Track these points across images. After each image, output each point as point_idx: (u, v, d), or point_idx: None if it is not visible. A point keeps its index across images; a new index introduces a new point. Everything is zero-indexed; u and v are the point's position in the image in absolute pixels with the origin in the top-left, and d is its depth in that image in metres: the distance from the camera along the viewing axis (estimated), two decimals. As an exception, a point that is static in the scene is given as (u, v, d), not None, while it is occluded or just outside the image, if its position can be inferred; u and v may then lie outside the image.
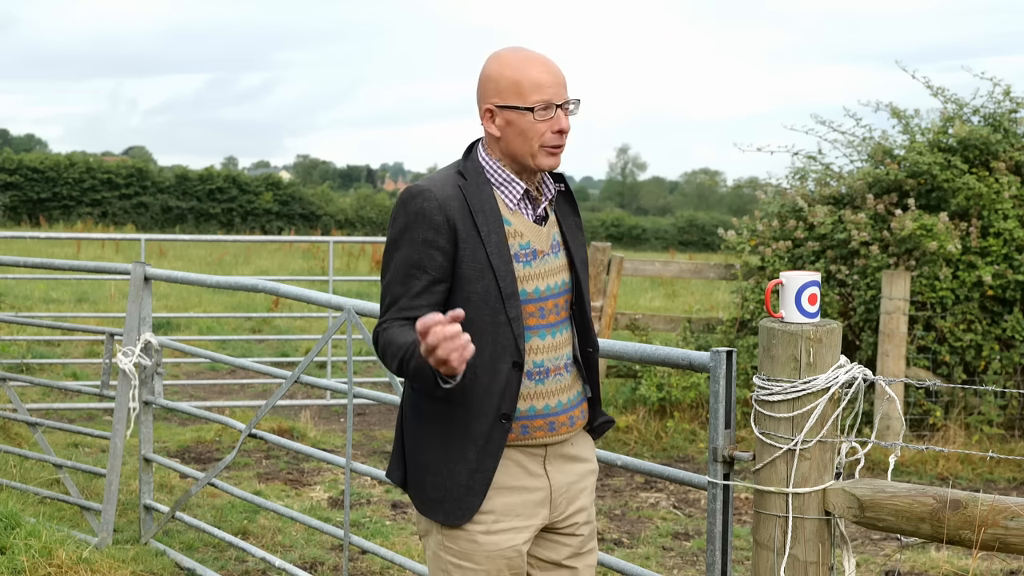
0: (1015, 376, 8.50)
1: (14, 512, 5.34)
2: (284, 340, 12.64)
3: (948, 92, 9.43)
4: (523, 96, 2.72)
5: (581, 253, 2.89)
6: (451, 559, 2.80)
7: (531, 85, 2.72)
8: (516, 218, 2.79)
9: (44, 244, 21.43)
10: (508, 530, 2.79)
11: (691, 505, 6.93)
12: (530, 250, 2.78)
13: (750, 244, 9.47)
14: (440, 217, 2.69)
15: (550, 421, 2.81)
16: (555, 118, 2.75)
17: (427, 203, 2.70)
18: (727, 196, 57.90)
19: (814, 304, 2.73)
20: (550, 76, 2.74)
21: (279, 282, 5.99)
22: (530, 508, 2.81)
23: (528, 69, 2.74)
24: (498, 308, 2.71)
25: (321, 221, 43.81)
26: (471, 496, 2.75)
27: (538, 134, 2.74)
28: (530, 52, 2.79)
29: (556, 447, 2.86)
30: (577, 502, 2.90)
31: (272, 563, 5.02)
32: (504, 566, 2.79)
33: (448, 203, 2.71)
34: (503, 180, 2.80)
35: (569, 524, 2.90)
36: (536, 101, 2.72)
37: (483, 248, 2.71)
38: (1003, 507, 2.45)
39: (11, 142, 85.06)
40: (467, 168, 2.80)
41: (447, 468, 2.77)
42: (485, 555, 2.77)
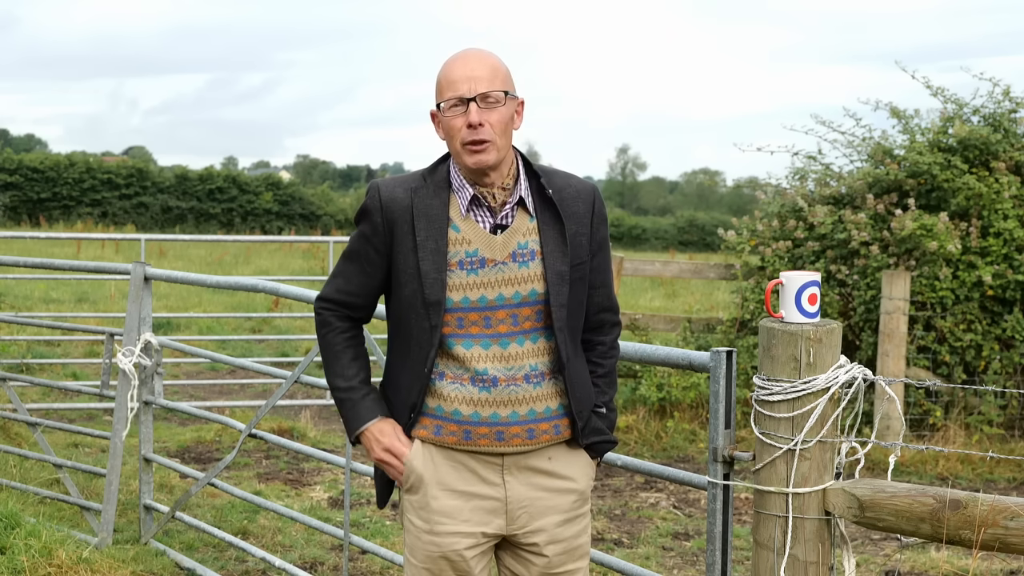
0: (1015, 376, 8.50)
1: (14, 512, 5.34)
2: (284, 340, 12.64)
3: (948, 92, 9.44)
4: (440, 94, 2.74)
5: (559, 265, 2.76)
6: (407, 550, 2.87)
7: (446, 83, 2.73)
8: (467, 225, 2.75)
9: (44, 244, 21.42)
10: (452, 533, 2.77)
11: (691, 505, 6.93)
12: (477, 258, 2.72)
13: (750, 244, 9.47)
14: (379, 218, 2.77)
15: (497, 431, 2.74)
16: (467, 112, 2.70)
17: (371, 202, 2.79)
18: (727, 196, 57.89)
19: (814, 304, 2.73)
20: (464, 71, 2.71)
21: (279, 282, 5.99)
22: (480, 515, 2.78)
23: (447, 68, 2.74)
24: (422, 314, 2.74)
25: (321, 221, 43.79)
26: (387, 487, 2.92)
27: (456, 131, 2.72)
28: (463, 51, 2.77)
29: (519, 458, 2.79)
30: (543, 520, 2.81)
31: (272, 563, 5.02)
32: (447, 567, 2.79)
33: (391, 205, 2.75)
34: (458, 186, 2.77)
35: (529, 543, 2.83)
36: (447, 97, 2.72)
37: (415, 254, 2.72)
38: (1003, 507, 2.45)
39: (11, 142, 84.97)
40: (435, 171, 2.81)
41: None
42: (425, 554, 2.79)
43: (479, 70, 2.71)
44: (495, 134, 2.71)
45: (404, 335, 2.80)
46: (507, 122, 2.74)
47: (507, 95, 2.74)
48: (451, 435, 2.77)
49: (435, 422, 2.78)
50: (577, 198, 2.82)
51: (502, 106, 2.72)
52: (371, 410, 2.82)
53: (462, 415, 2.75)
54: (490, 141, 2.70)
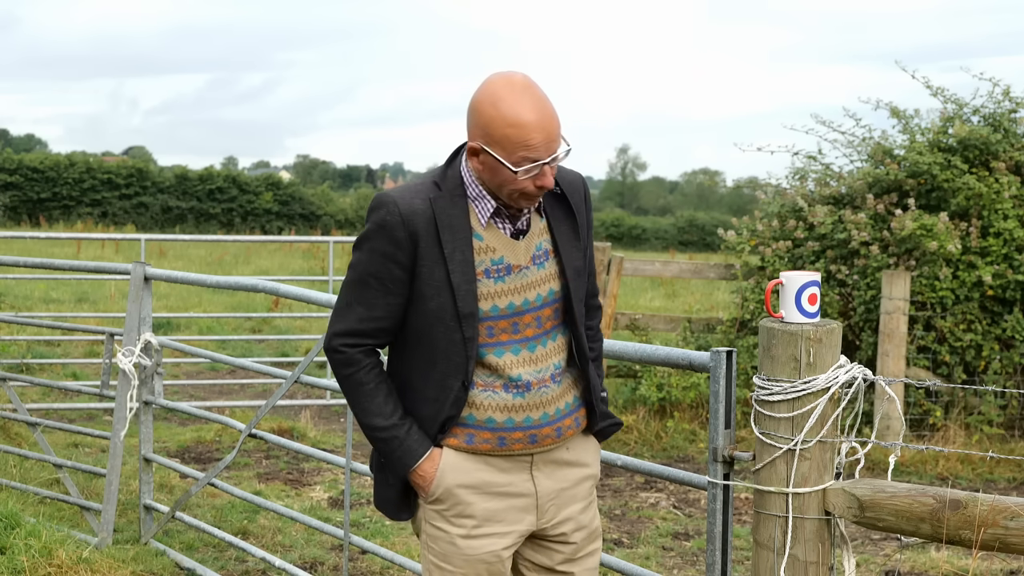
0: (1015, 376, 8.50)
1: (14, 512, 5.34)
2: (284, 340, 12.64)
3: (948, 92, 9.44)
4: (509, 153, 2.59)
5: (575, 260, 2.78)
6: (432, 559, 2.80)
7: (520, 143, 2.57)
8: (489, 233, 2.71)
9: (44, 244, 21.43)
10: (489, 535, 2.77)
11: (691, 505, 6.93)
12: (503, 265, 2.71)
13: (750, 244, 9.47)
14: (402, 233, 2.64)
15: (531, 434, 2.76)
16: (539, 174, 2.61)
17: (390, 217, 2.64)
18: (727, 196, 57.88)
19: (814, 304, 2.73)
20: (541, 135, 2.58)
21: (279, 282, 5.99)
22: (514, 514, 2.79)
23: (520, 125, 2.57)
24: (453, 327, 2.67)
25: (321, 221, 43.80)
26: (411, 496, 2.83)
27: (520, 186, 2.63)
28: (527, 101, 2.59)
29: (546, 454, 2.82)
30: (568, 508, 2.85)
31: (272, 563, 5.02)
32: (484, 571, 2.77)
33: (412, 218, 2.64)
34: (477, 195, 2.70)
35: (558, 533, 2.85)
36: (521, 160, 2.58)
37: (444, 266, 2.65)
38: (1003, 507, 2.45)
39: (11, 142, 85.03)
40: (446, 178, 2.70)
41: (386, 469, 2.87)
42: (463, 559, 2.76)
43: (552, 126, 2.60)
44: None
45: (428, 347, 2.71)
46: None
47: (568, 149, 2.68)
48: (485, 443, 2.75)
49: (467, 431, 2.75)
50: (573, 189, 2.83)
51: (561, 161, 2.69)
52: (421, 443, 2.75)
53: (496, 422, 2.74)
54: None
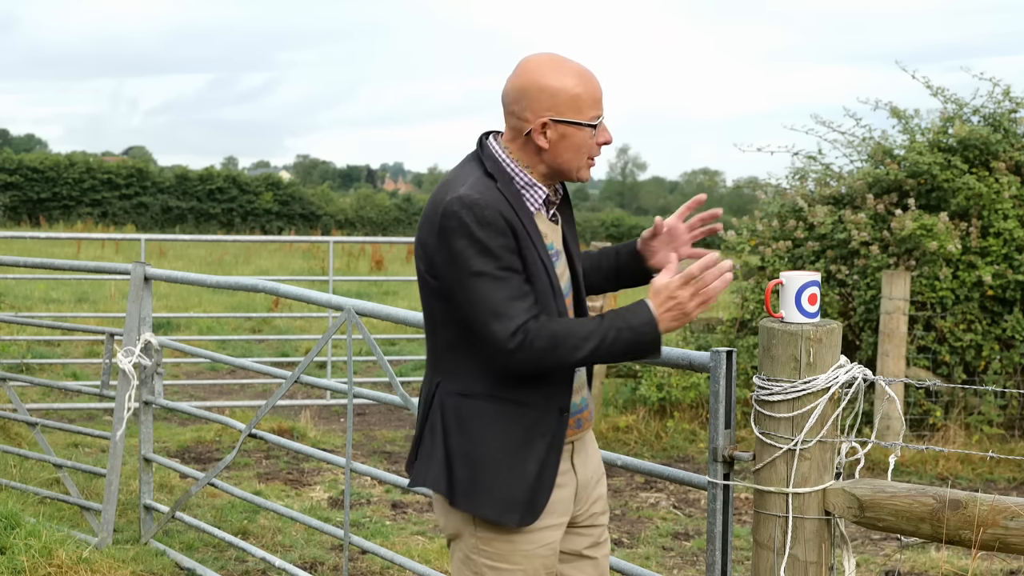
0: (1015, 376, 8.50)
1: (14, 512, 5.34)
2: (284, 340, 12.64)
3: (948, 92, 9.44)
4: (582, 112, 2.70)
5: (577, 248, 2.92)
6: (485, 561, 2.76)
7: (590, 101, 2.71)
8: (540, 220, 2.78)
9: (44, 244, 21.43)
10: (544, 528, 2.79)
11: (691, 505, 6.93)
12: (555, 251, 2.80)
13: (750, 244, 9.47)
14: (503, 222, 2.64)
15: (577, 418, 2.86)
16: (600, 131, 2.75)
17: (487, 211, 2.63)
18: (727, 196, 57.89)
19: (814, 304, 2.73)
20: (600, 91, 2.75)
21: (279, 282, 5.99)
22: (563, 504, 2.84)
23: (586, 84, 2.71)
24: (552, 305, 2.73)
25: (321, 221, 43.82)
26: (539, 493, 2.73)
27: (588, 148, 2.74)
28: (576, 64, 2.75)
29: (579, 443, 2.90)
30: (596, 491, 2.97)
31: (272, 563, 5.02)
32: (540, 565, 2.79)
33: (499, 206, 2.66)
34: (526, 183, 2.75)
35: (590, 515, 2.95)
36: (594, 117, 2.72)
37: (535, 248, 2.70)
38: (1003, 507, 2.45)
39: (11, 142, 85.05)
40: (493, 170, 2.73)
41: (519, 466, 2.71)
42: (522, 555, 2.76)
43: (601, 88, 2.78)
44: None
45: None
46: None
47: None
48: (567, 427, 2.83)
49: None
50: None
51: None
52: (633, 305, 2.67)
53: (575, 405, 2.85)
54: None
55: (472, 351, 2.70)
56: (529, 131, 2.71)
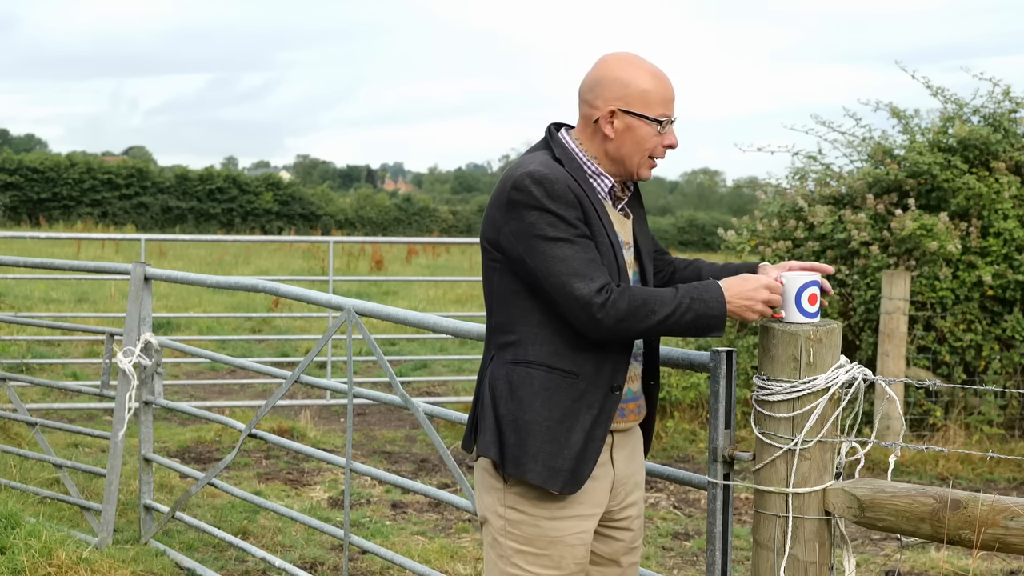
0: (1015, 376, 8.50)
1: (14, 512, 5.34)
2: (284, 340, 12.64)
3: (948, 92, 9.44)
4: (650, 107, 2.79)
5: (649, 247, 2.96)
6: (512, 544, 2.80)
7: (660, 99, 2.79)
8: (607, 208, 2.85)
9: (44, 244, 21.43)
10: (573, 517, 2.80)
11: (691, 505, 6.93)
12: (621, 241, 2.84)
13: (750, 244, 9.47)
14: (572, 196, 2.73)
15: (621, 407, 2.87)
16: (667, 133, 2.83)
17: (557, 185, 2.71)
18: (727, 196, 57.85)
19: (814, 304, 2.73)
20: (672, 92, 2.83)
21: (279, 282, 5.99)
22: (596, 496, 2.85)
23: (658, 83, 2.80)
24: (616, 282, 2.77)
25: (321, 221, 43.83)
26: (584, 464, 2.76)
27: (652, 145, 2.81)
28: (653, 64, 2.85)
29: (621, 437, 2.91)
30: (634, 494, 2.97)
31: (272, 563, 5.02)
32: (567, 554, 2.79)
33: (567, 181, 2.75)
34: (594, 172, 2.84)
35: (623, 516, 2.95)
36: (661, 115, 2.79)
37: (602, 224, 2.77)
38: (1003, 507, 2.45)
39: (11, 142, 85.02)
40: (561, 156, 2.82)
41: (564, 435, 2.74)
42: (548, 540, 2.78)
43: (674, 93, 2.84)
44: None
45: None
46: None
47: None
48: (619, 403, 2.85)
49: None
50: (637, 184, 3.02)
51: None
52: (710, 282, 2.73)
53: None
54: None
55: (528, 322, 2.77)
56: (598, 119, 2.81)
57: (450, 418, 4.15)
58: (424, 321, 4.04)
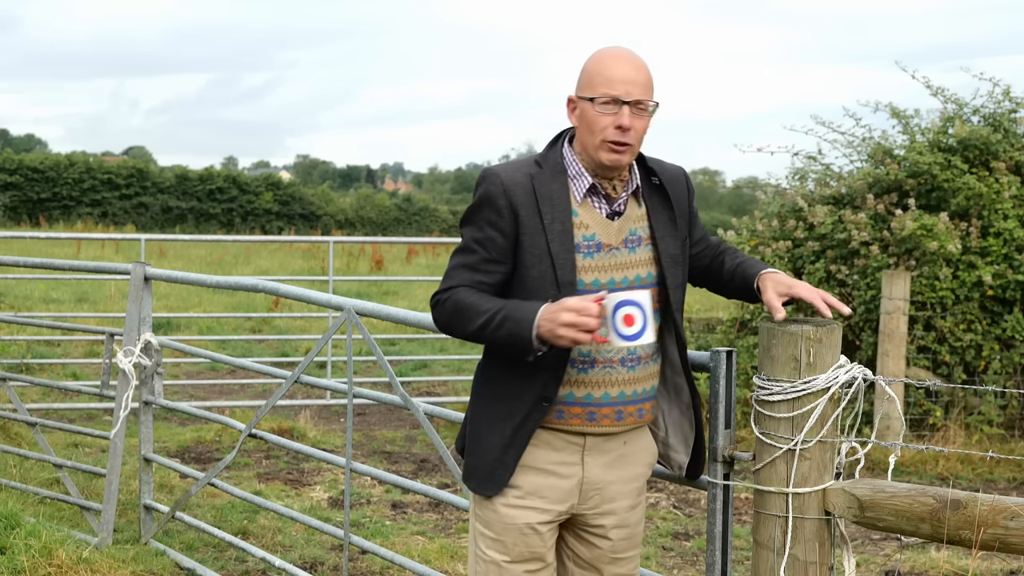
0: (1015, 376, 8.50)
1: (14, 512, 5.34)
2: (284, 340, 12.64)
3: (948, 92, 9.44)
4: (592, 87, 2.77)
5: (672, 248, 2.87)
6: (478, 525, 2.91)
7: (602, 79, 2.76)
8: (584, 210, 2.82)
9: (44, 244, 21.42)
10: (528, 508, 2.84)
11: (691, 505, 6.93)
12: (594, 243, 2.80)
13: (750, 244, 9.47)
14: (503, 201, 2.77)
15: (590, 411, 2.83)
16: (619, 114, 2.74)
17: (492, 187, 2.78)
18: (727, 196, 57.81)
19: (630, 325, 2.61)
20: (624, 73, 2.75)
21: (279, 282, 5.99)
22: (557, 493, 2.85)
23: (605, 64, 2.78)
24: (554, 295, 2.74)
25: (321, 221, 43.83)
26: (501, 469, 2.84)
27: (601, 128, 2.76)
28: (621, 51, 2.81)
29: (599, 441, 2.87)
30: (613, 503, 2.91)
31: (272, 563, 5.02)
32: (519, 540, 2.84)
33: (513, 188, 2.77)
34: (575, 173, 2.83)
35: (598, 524, 2.91)
36: (601, 93, 2.75)
37: (544, 236, 2.75)
38: (1003, 507, 2.45)
39: (11, 142, 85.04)
40: (546, 157, 2.85)
41: (487, 440, 2.86)
42: (502, 526, 2.85)
43: (638, 76, 2.77)
44: (636, 139, 2.79)
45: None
46: (646, 129, 2.83)
47: (656, 105, 2.81)
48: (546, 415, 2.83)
49: None
50: (674, 181, 2.94)
51: (648, 115, 2.81)
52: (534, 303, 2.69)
53: (559, 396, 2.82)
54: (631, 145, 2.78)
55: None
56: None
57: (450, 418, 4.15)
58: (424, 321, 4.03)
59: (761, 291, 2.83)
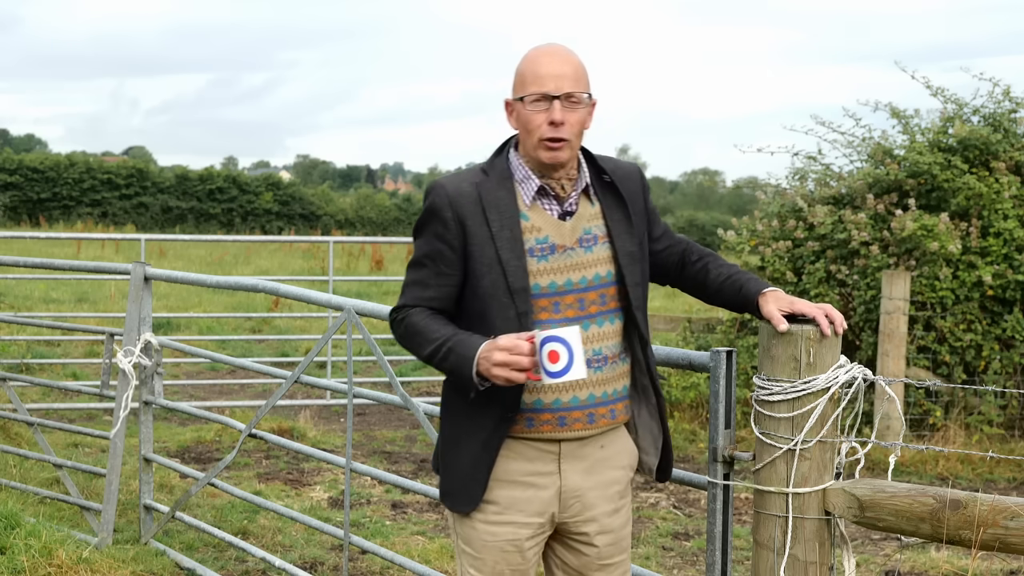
0: (1015, 376, 8.50)
1: (14, 512, 5.34)
2: (284, 340, 12.64)
3: (948, 92, 9.45)
4: (523, 87, 2.75)
5: (628, 246, 2.83)
6: (460, 543, 2.88)
7: (532, 77, 2.74)
8: (535, 213, 2.79)
9: (44, 244, 21.42)
10: (508, 523, 2.80)
11: (691, 505, 6.93)
12: (547, 245, 2.77)
13: (750, 244, 9.47)
14: (449, 213, 2.75)
15: (560, 416, 2.79)
16: (550, 109, 2.72)
17: (438, 199, 2.77)
18: (727, 196, 57.85)
19: (554, 362, 2.57)
20: (552, 68, 2.73)
21: (279, 282, 5.99)
22: (536, 504, 2.81)
23: (534, 62, 2.76)
24: (507, 303, 2.72)
25: (321, 221, 43.83)
26: (473, 485, 2.80)
27: (536, 126, 2.74)
28: (550, 47, 2.79)
29: (575, 447, 2.83)
30: (594, 509, 2.86)
31: (272, 563, 5.02)
32: (500, 559, 2.81)
33: (459, 199, 2.75)
34: (522, 177, 2.81)
35: (580, 532, 2.87)
36: (531, 91, 2.73)
37: (492, 244, 2.73)
38: (1003, 507, 2.45)
39: (11, 142, 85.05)
40: (493, 165, 2.83)
41: (456, 458, 2.84)
42: (482, 543, 2.82)
43: (566, 69, 2.74)
44: (573, 134, 2.75)
45: (486, 327, 2.74)
46: (584, 123, 2.80)
47: (588, 97, 2.79)
48: (514, 424, 2.79)
49: None
50: (628, 178, 2.90)
51: (583, 107, 2.77)
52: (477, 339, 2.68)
53: (525, 404, 2.78)
54: (568, 140, 2.75)
55: None
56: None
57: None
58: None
59: (760, 306, 2.78)
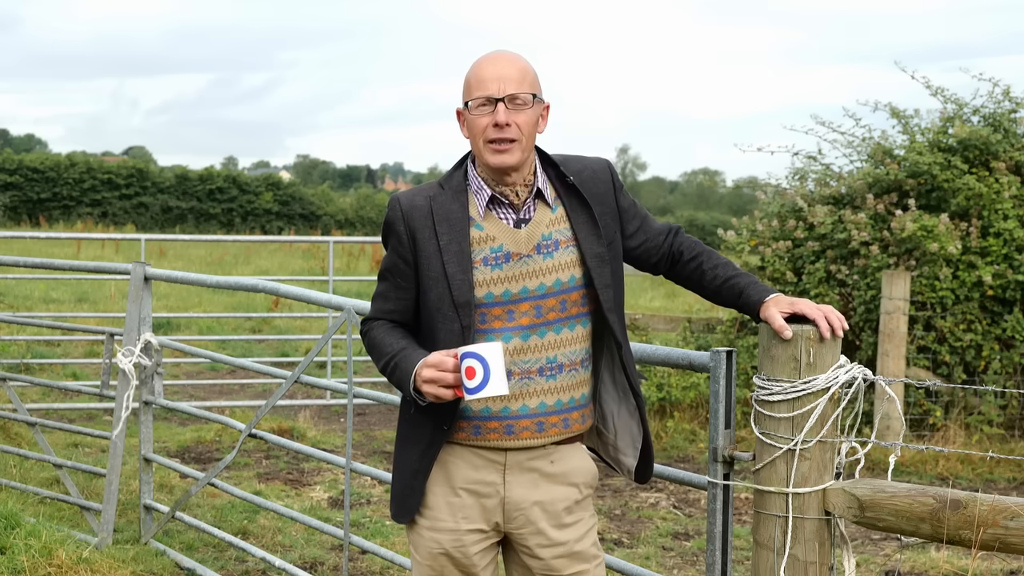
0: (1015, 376, 8.50)
1: (14, 512, 5.34)
2: (284, 340, 12.64)
3: (948, 92, 9.44)
4: (468, 93, 2.75)
5: (595, 247, 2.79)
6: (411, 547, 2.91)
7: (476, 81, 2.73)
8: (489, 223, 2.77)
9: (44, 244, 21.42)
10: (451, 530, 2.80)
11: (691, 505, 6.93)
12: (502, 253, 2.74)
13: (750, 244, 9.47)
14: (402, 227, 2.79)
15: (507, 424, 2.76)
16: (495, 112, 2.70)
17: (393, 213, 2.81)
18: (727, 196, 57.85)
19: (471, 378, 2.58)
20: (494, 71, 2.72)
21: (279, 282, 5.99)
22: (479, 512, 2.80)
23: (477, 67, 2.76)
24: (451, 316, 2.72)
25: (321, 221, 43.81)
26: (413, 495, 2.83)
27: (481, 129, 2.73)
28: (495, 53, 2.79)
29: (522, 458, 2.79)
30: (536, 524, 2.81)
31: (272, 563, 5.02)
32: (446, 563, 2.81)
33: (412, 213, 2.78)
34: (476, 188, 2.79)
35: (524, 544, 2.84)
36: (475, 96, 2.72)
37: (440, 257, 2.73)
38: (1003, 507, 2.45)
39: (11, 142, 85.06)
40: (450, 178, 2.82)
41: (400, 467, 2.88)
42: (426, 550, 2.83)
43: (509, 71, 2.72)
44: (521, 135, 2.72)
45: (431, 339, 2.76)
46: (533, 124, 2.76)
47: (535, 98, 2.76)
48: (460, 431, 2.78)
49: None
50: (595, 178, 2.85)
51: (529, 108, 2.74)
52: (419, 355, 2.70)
53: (472, 411, 2.76)
54: (515, 141, 2.72)
55: None
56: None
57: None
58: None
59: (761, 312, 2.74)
